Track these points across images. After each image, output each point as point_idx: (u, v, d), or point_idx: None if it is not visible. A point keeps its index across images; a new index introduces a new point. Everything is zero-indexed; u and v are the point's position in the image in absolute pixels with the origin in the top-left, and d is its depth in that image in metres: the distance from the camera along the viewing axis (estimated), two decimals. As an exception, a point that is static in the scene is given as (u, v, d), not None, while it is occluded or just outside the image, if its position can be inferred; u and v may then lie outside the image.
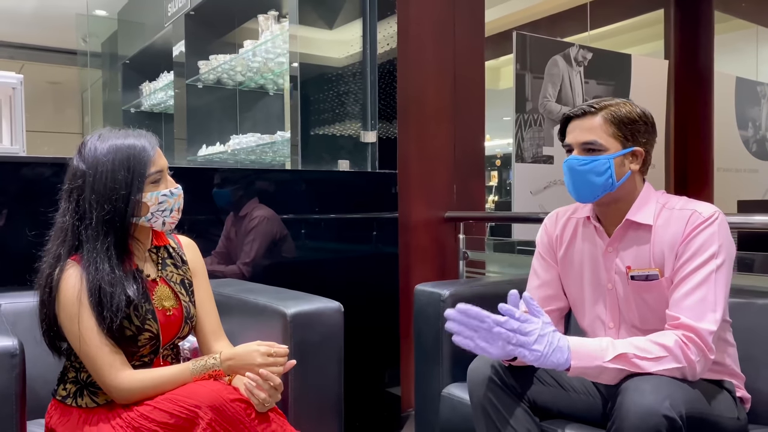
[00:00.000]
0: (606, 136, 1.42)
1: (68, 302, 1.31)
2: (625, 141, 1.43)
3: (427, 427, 1.92)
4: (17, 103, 2.01)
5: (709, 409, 1.30)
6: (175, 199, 1.40)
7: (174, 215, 1.40)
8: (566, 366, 1.29)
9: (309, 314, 1.55)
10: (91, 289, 1.30)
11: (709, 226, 1.37)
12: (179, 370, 1.34)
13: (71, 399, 1.37)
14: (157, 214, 1.38)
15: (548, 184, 3.37)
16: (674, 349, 1.29)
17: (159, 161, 1.38)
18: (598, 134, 1.42)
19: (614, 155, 1.42)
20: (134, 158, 1.33)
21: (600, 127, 1.42)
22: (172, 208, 1.39)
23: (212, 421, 1.21)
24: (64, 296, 1.31)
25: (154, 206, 1.36)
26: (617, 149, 1.42)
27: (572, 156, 1.45)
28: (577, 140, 1.45)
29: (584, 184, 1.43)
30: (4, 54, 5.71)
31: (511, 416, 1.43)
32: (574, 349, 1.29)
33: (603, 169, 1.41)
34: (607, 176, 1.41)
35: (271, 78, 3.42)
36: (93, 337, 1.30)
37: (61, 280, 1.32)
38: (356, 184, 2.65)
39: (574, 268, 1.57)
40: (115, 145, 1.34)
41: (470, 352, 1.31)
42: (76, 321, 1.30)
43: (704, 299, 1.33)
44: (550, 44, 3.48)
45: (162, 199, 1.37)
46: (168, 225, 1.41)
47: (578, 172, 1.43)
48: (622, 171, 1.43)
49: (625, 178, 1.43)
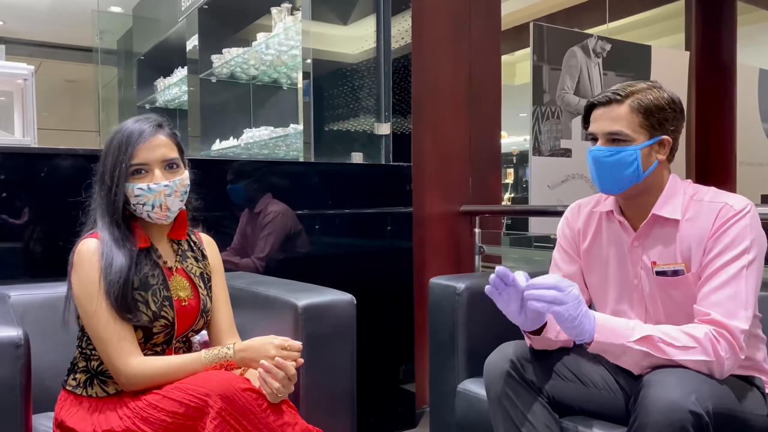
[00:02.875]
0: (633, 125, 1.35)
1: (88, 280, 1.31)
2: (653, 130, 1.36)
3: (443, 423, 1.87)
4: (28, 95, 2.00)
5: (737, 406, 1.25)
6: (155, 195, 1.34)
7: (157, 211, 1.36)
8: (590, 337, 1.25)
9: (321, 306, 1.52)
10: (104, 263, 1.31)
11: (741, 219, 1.30)
12: (191, 359, 1.32)
13: (81, 388, 1.35)
14: (138, 207, 1.36)
15: (566, 178, 3.31)
16: (704, 342, 1.23)
17: (144, 154, 1.34)
18: (624, 124, 1.35)
19: (641, 146, 1.35)
20: (122, 146, 1.34)
21: (626, 117, 1.36)
22: (153, 204, 1.35)
23: (222, 410, 1.18)
24: (83, 272, 1.32)
25: (132, 198, 1.35)
26: (644, 139, 1.36)
27: (597, 147, 1.39)
28: (602, 130, 1.38)
29: (610, 176, 1.37)
30: (22, 52, 5.76)
31: (529, 412, 1.39)
32: (599, 323, 1.25)
33: (630, 161, 1.35)
34: (633, 168, 1.35)
35: (284, 72, 3.40)
36: (108, 318, 1.29)
37: (77, 253, 1.34)
38: (370, 177, 2.61)
39: (600, 263, 1.52)
40: (119, 129, 1.37)
41: (488, 339, 1.28)
42: (95, 300, 1.29)
43: (736, 296, 1.27)
44: (567, 35, 3.42)
45: (138, 193, 1.34)
46: (155, 219, 1.38)
47: (604, 164, 1.37)
48: (649, 161, 1.37)
49: (652, 168, 1.37)
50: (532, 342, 1.44)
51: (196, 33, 3.58)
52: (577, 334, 1.25)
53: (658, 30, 5.24)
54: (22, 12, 5.35)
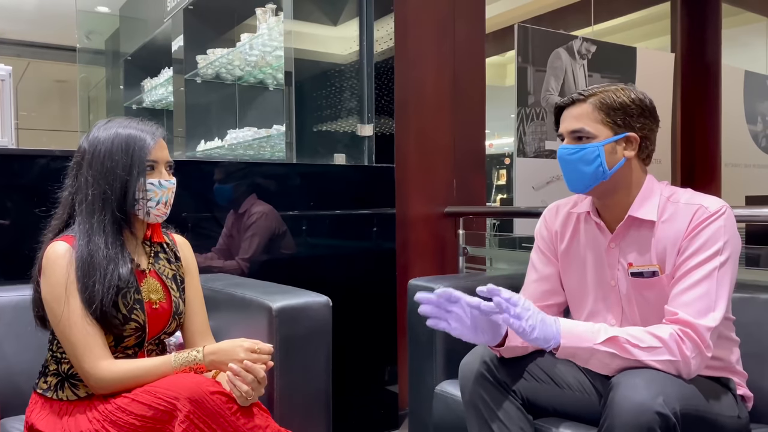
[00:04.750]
0: (594, 123, 1.37)
1: (57, 281, 1.30)
2: (617, 127, 1.38)
3: (421, 425, 1.87)
4: (6, 96, 1.98)
5: (706, 407, 1.25)
6: (164, 192, 1.38)
7: (160, 208, 1.38)
8: (555, 343, 1.25)
9: (295, 308, 1.51)
10: (83, 265, 1.29)
11: (716, 220, 1.31)
12: (161, 362, 1.32)
13: (52, 392, 1.35)
14: (142, 203, 1.36)
15: (551, 179, 3.31)
16: (669, 342, 1.24)
17: (156, 152, 1.37)
18: (586, 122, 1.38)
19: (603, 142, 1.37)
20: (135, 143, 1.35)
21: (588, 115, 1.38)
22: (158, 200, 1.37)
23: (190, 413, 1.18)
24: (52, 274, 1.31)
25: (140, 192, 1.35)
26: (607, 136, 1.37)
27: (562, 145, 1.42)
28: (566, 128, 1.41)
29: (574, 173, 1.39)
30: (10, 52, 5.72)
31: (503, 413, 1.39)
32: (565, 329, 1.26)
33: (592, 158, 1.36)
34: (596, 164, 1.36)
35: (270, 72, 3.38)
36: (77, 321, 1.28)
37: (45, 257, 1.33)
38: (353, 178, 2.61)
39: (577, 265, 1.52)
40: (117, 129, 1.37)
41: (468, 346, 1.29)
42: (62, 302, 1.28)
43: (705, 296, 1.27)
44: (552, 37, 3.42)
45: (149, 188, 1.36)
46: (153, 216, 1.38)
47: (568, 162, 1.40)
48: (614, 159, 1.38)
49: (618, 165, 1.38)
50: (501, 353, 1.43)
51: (181, 33, 3.57)
52: (542, 343, 1.25)
53: (644, 32, 5.26)
54: (10, 12, 5.31)
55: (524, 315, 1.23)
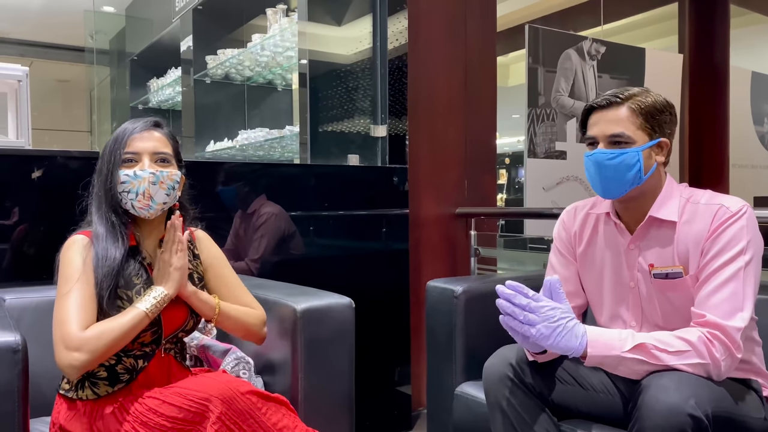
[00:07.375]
0: (633, 127, 1.36)
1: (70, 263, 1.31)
2: (653, 132, 1.37)
3: (440, 426, 1.87)
4: (23, 97, 1.98)
5: (735, 409, 1.25)
6: (139, 182, 1.34)
7: (140, 199, 1.35)
8: (580, 352, 1.25)
9: (319, 310, 1.51)
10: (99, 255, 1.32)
11: (738, 220, 1.31)
12: (129, 312, 1.28)
13: (74, 392, 1.34)
14: (124, 195, 1.35)
15: (561, 180, 3.32)
16: (698, 345, 1.24)
17: (136, 143, 1.36)
18: (626, 126, 1.36)
19: (642, 147, 1.36)
20: (117, 136, 1.38)
21: (627, 119, 1.36)
22: (136, 191, 1.34)
23: (222, 414, 1.18)
24: (65, 257, 1.33)
25: (118, 185, 1.35)
26: (645, 141, 1.37)
27: (599, 150, 1.38)
28: (603, 133, 1.38)
29: (613, 179, 1.37)
30: (13, 51, 5.71)
31: (529, 416, 1.39)
32: (591, 338, 1.26)
33: (632, 163, 1.35)
34: (636, 170, 1.35)
35: (279, 73, 3.38)
36: (78, 295, 1.27)
37: (64, 246, 1.35)
38: (366, 179, 2.60)
39: (595, 266, 1.52)
40: (119, 126, 1.40)
41: (485, 342, 1.29)
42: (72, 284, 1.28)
43: (732, 296, 1.27)
44: (562, 37, 3.42)
45: (123, 179, 1.34)
46: (138, 210, 1.36)
47: (607, 167, 1.37)
48: (649, 164, 1.38)
49: (652, 170, 1.38)
50: (537, 359, 1.43)
51: (190, 34, 3.56)
52: (567, 352, 1.26)
53: (651, 32, 5.27)
54: (14, 11, 5.30)
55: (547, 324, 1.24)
